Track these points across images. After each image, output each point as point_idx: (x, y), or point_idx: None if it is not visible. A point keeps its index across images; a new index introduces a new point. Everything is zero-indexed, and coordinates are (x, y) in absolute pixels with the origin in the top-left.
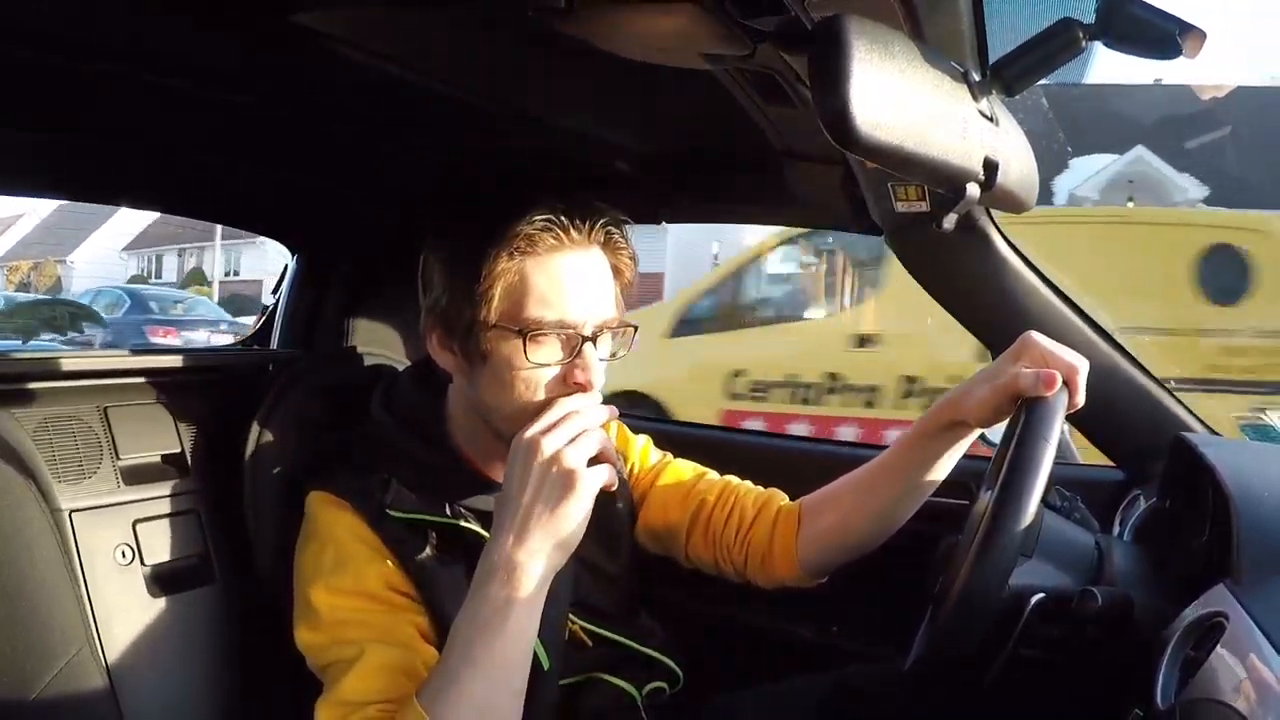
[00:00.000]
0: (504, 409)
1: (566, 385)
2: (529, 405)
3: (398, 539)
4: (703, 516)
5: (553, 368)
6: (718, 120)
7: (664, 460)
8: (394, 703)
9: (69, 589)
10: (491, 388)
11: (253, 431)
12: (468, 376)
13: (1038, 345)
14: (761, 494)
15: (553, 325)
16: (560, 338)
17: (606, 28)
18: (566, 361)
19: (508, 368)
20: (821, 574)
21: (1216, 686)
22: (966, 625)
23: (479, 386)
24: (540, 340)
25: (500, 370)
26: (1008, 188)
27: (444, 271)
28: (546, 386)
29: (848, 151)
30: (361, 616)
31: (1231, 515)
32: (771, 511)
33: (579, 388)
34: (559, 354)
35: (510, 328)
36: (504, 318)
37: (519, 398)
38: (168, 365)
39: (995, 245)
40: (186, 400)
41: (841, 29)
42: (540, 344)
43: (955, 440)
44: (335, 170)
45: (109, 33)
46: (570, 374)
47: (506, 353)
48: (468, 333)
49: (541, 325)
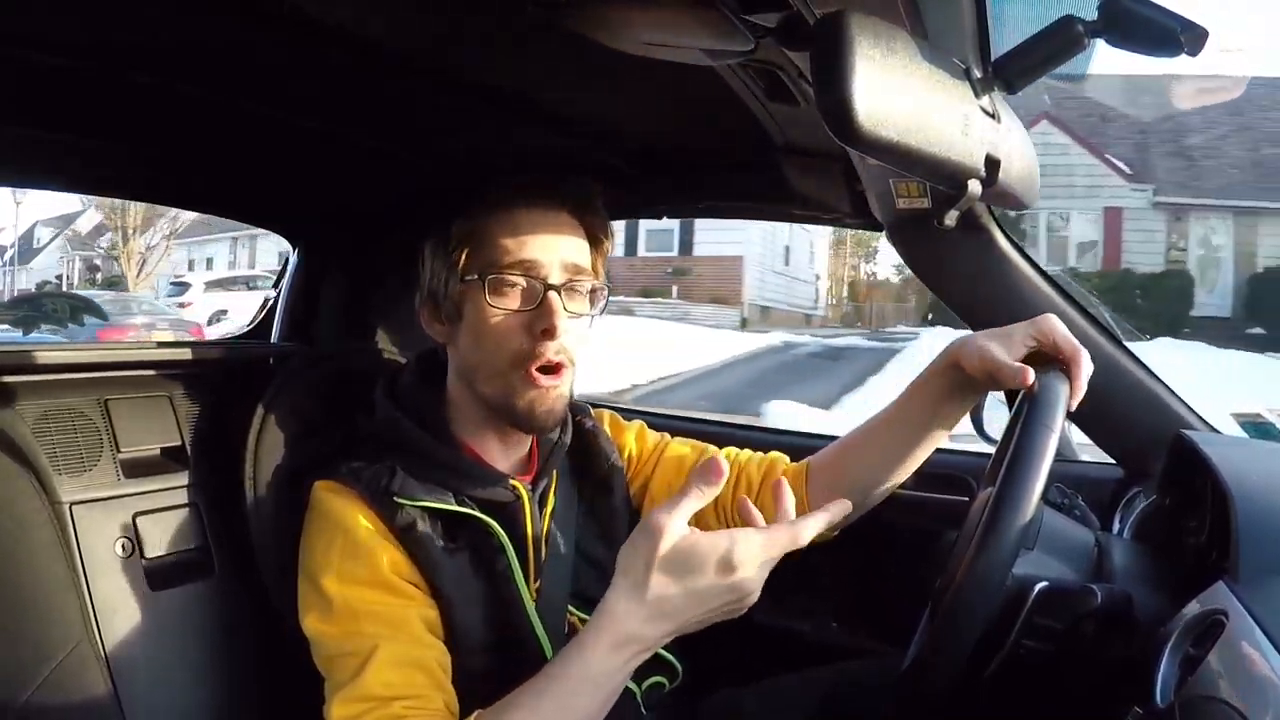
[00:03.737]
0: (480, 367)
1: (532, 335)
2: (499, 357)
3: (406, 527)
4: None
5: (518, 314)
6: (719, 115)
7: (663, 440)
8: (416, 699)
9: (68, 582)
10: (469, 346)
11: (254, 424)
12: (453, 342)
13: (1053, 323)
14: (765, 458)
15: (512, 267)
16: (522, 285)
17: (607, 23)
18: (530, 309)
19: (477, 319)
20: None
21: (1216, 684)
22: (967, 617)
23: (461, 350)
24: (501, 288)
25: (473, 324)
26: (1009, 185)
27: (430, 251)
28: (513, 336)
29: (849, 147)
30: (374, 609)
31: (1231, 513)
32: (777, 473)
33: (545, 335)
34: (519, 301)
35: (473, 277)
36: (467, 269)
37: (488, 350)
38: (168, 358)
39: (997, 242)
40: (187, 393)
41: (844, 25)
42: (502, 291)
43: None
44: (335, 164)
45: (108, 33)
46: (534, 323)
47: (476, 303)
48: (445, 294)
49: (499, 267)
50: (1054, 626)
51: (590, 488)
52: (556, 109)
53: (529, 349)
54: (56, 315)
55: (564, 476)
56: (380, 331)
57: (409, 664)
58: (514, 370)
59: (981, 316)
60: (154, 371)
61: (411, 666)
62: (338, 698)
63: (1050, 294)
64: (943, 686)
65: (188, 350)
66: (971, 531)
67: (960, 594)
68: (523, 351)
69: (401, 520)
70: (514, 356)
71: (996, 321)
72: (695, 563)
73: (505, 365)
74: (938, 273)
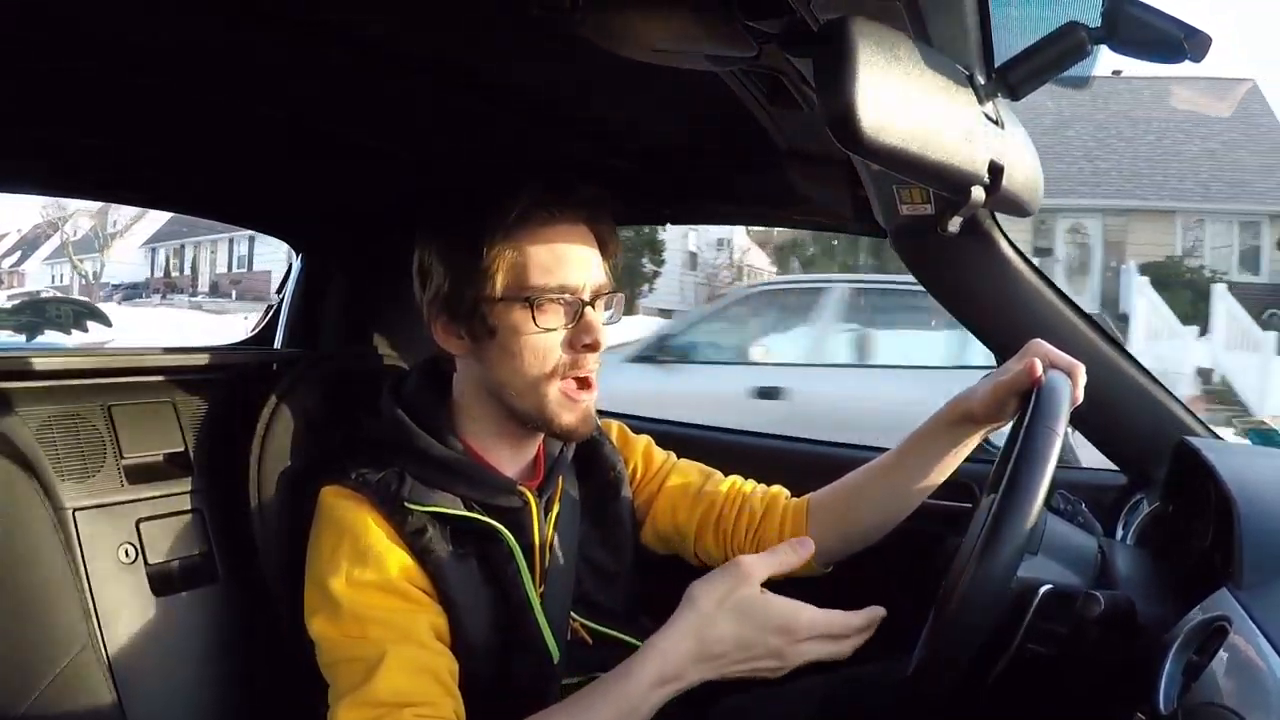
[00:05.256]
0: (515, 381)
1: (574, 349)
2: (540, 372)
3: (414, 532)
4: (713, 517)
5: (558, 332)
6: (722, 120)
7: (669, 462)
8: (426, 706)
9: (72, 588)
10: (501, 361)
11: (258, 430)
12: (477, 356)
13: (1043, 348)
14: (767, 491)
15: (555, 291)
16: (562, 304)
17: (612, 28)
18: (570, 326)
19: (515, 338)
20: (829, 564)
21: (1219, 691)
22: (971, 621)
23: (489, 364)
24: (545, 307)
25: (508, 342)
26: (1012, 191)
27: (442, 259)
28: (554, 352)
29: (852, 153)
30: (383, 615)
31: (1234, 519)
32: (779, 507)
33: (588, 349)
34: (563, 319)
35: (516, 298)
36: (509, 290)
37: (529, 366)
38: (172, 364)
39: (1000, 249)
40: (190, 399)
41: (847, 31)
42: (545, 310)
43: (962, 437)
44: (336, 165)
45: (109, 33)
46: (576, 338)
47: (513, 323)
48: (472, 312)
49: (546, 291)
50: (1057, 630)
51: (594, 495)
52: (559, 111)
53: (569, 361)
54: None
55: (568, 484)
56: (383, 336)
57: (419, 670)
58: (550, 383)
59: (984, 322)
60: (157, 377)
61: (421, 673)
62: (345, 702)
63: (1053, 300)
64: (946, 690)
65: (191, 356)
66: (975, 536)
67: (964, 596)
68: (563, 365)
69: (411, 526)
70: (554, 370)
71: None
72: (760, 617)
73: (543, 379)
74: (941, 279)
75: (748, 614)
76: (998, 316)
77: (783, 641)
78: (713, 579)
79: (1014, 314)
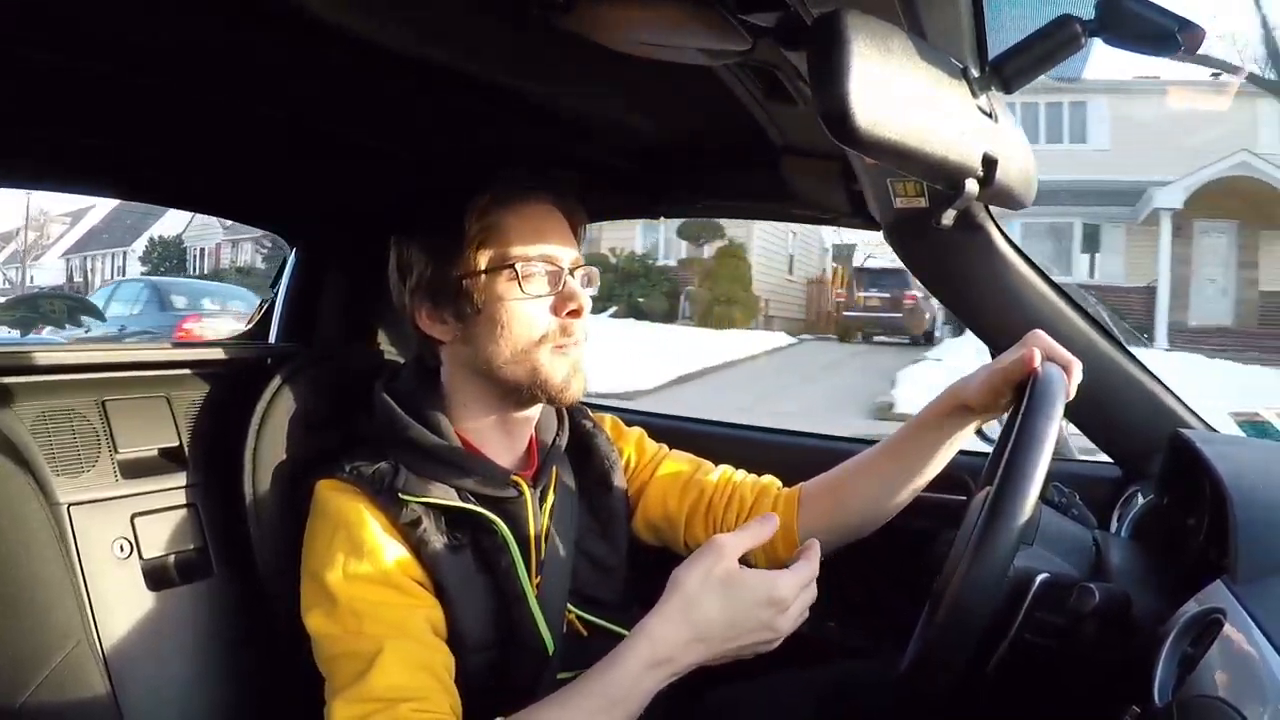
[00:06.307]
0: (504, 351)
1: (559, 315)
2: (530, 339)
3: (410, 523)
4: (702, 506)
5: (544, 299)
6: (717, 115)
7: (661, 452)
8: (423, 701)
9: (67, 583)
10: (489, 335)
11: (252, 425)
12: (464, 338)
13: (1042, 340)
14: (758, 481)
15: (538, 258)
16: (545, 273)
17: (607, 23)
18: (555, 293)
19: (502, 307)
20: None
21: (1213, 683)
22: (967, 613)
23: (477, 342)
24: (530, 275)
25: (496, 312)
26: (1006, 184)
27: (422, 248)
28: (541, 318)
29: (847, 147)
30: (379, 610)
31: (1229, 512)
32: (770, 496)
33: (573, 315)
34: (547, 287)
35: (500, 267)
36: (493, 261)
37: (517, 335)
38: (166, 359)
39: (994, 242)
40: (185, 394)
41: (840, 25)
42: (530, 279)
43: (956, 427)
44: (335, 164)
45: (109, 33)
46: (561, 305)
47: (499, 292)
48: (457, 292)
49: (529, 260)
50: (1054, 621)
51: (588, 486)
52: (557, 109)
53: (557, 329)
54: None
55: (563, 475)
56: (379, 332)
57: (415, 665)
58: (540, 348)
59: (979, 315)
60: (152, 372)
61: (418, 668)
62: (342, 697)
63: (1047, 293)
64: (942, 685)
65: (186, 351)
66: (970, 529)
67: (960, 590)
68: (551, 332)
69: (406, 517)
70: (543, 338)
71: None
72: (744, 590)
73: (533, 346)
74: (935, 272)
75: (731, 589)
76: (992, 309)
77: (771, 613)
78: (692, 561)
79: (1008, 306)
